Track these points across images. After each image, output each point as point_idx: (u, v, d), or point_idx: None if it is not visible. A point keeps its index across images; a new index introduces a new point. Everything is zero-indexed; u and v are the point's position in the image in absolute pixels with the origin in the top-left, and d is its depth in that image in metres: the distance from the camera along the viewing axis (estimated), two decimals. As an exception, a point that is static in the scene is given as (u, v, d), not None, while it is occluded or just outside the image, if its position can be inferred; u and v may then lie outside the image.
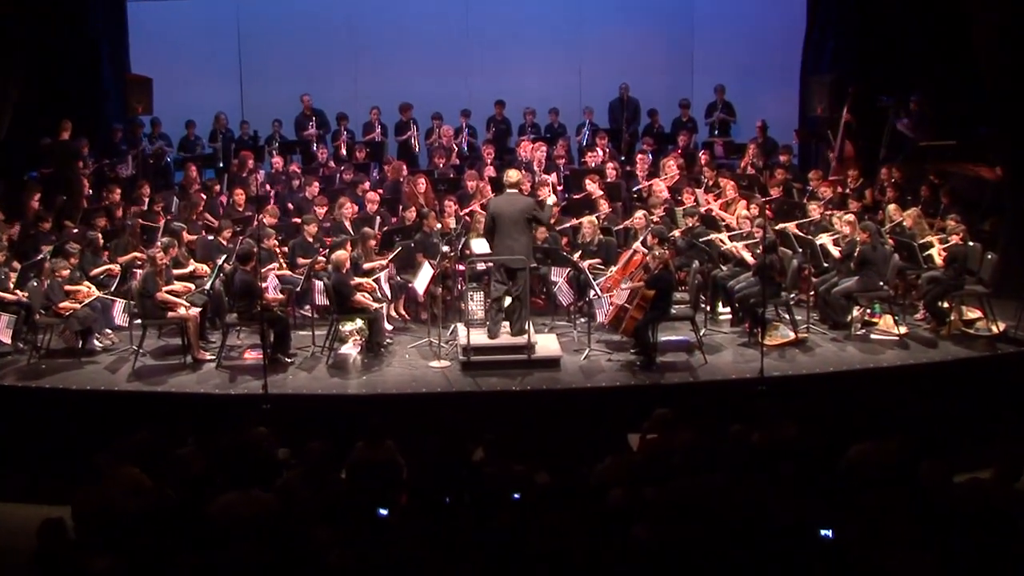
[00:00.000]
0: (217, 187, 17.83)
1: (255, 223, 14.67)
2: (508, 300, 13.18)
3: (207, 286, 13.92)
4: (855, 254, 13.94)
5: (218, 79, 21.48)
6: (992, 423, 12.14)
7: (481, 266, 14.19)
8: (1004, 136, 15.56)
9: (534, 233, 14.53)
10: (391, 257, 14.51)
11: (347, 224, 15.53)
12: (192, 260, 14.71)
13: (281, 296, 13.82)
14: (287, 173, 18.40)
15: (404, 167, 18.08)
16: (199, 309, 13.53)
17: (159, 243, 14.08)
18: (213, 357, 13.31)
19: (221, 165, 19.71)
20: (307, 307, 14.78)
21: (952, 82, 18.04)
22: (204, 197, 16.93)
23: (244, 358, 13.47)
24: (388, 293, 14.34)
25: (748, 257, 14.23)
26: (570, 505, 8.03)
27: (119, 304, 13.81)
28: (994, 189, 16.30)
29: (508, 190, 13.30)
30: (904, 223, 15.00)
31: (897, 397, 12.34)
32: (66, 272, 13.59)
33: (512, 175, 13.42)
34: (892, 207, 15.56)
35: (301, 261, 14.64)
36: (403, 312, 15.00)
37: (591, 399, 12.29)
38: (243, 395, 12.26)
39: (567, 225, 15.76)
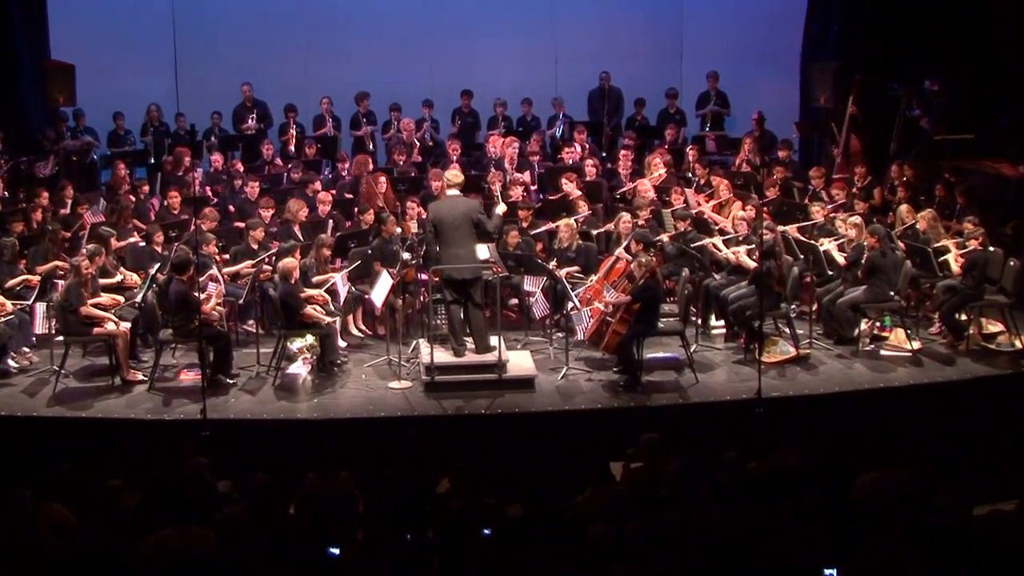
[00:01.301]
0: (148, 187, 17.76)
1: (192, 227, 14.61)
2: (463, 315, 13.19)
3: (138, 298, 13.86)
4: (863, 261, 14.00)
5: (150, 66, 21.37)
6: (1016, 448, 12.18)
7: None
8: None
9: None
10: (351, 267, 14.46)
11: (296, 228, 15.51)
12: (121, 269, 14.64)
13: (222, 309, 13.79)
14: (228, 171, 18.36)
15: (369, 162, 18.05)
16: (129, 324, 13.46)
17: (84, 251, 14.01)
18: (145, 378, 13.24)
19: (153, 162, 19.65)
20: (251, 322, 14.74)
21: (969, 69, 18.19)
22: (134, 199, 16.86)
23: (180, 379, 13.42)
24: (343, 305, 14.33)
25: (746, 263, 14.27)
26: (546, 541, 8.02)
27: (39, 309, 13.72)
28: (1016, 188, 16.43)
29: (449, 192, 13.31)
30: (917, 226, 15.07)
31: (910, 420, 12.38)
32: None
33: (452, 175, 13.44)
34: (904, 208, 15.64)
35: (244, 270, 14.62)
36: (360, 327, 14.98)
37: (569, 423, 12.29)
38: (179, 421, 12.21)
39: (542, 229, 15.77)
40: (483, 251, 13.35)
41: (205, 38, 21.53)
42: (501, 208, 13.66)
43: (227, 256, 14.90)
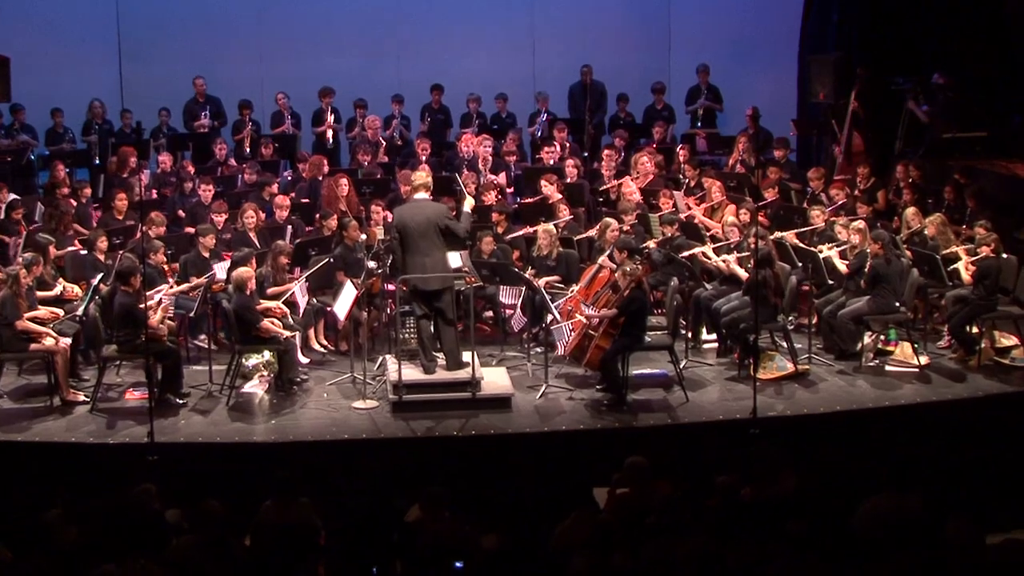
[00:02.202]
0: (90, 190, 17.70)
1: (138, 234, 14.56)
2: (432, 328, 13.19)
3: (79, 311, 13.80)
4: (865, 269, 14.03)
5: (92, 58, 21.35)
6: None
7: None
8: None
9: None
10: (309, 275, 14.44)
11: (252, 235, 15.47)
12: (61, 280, 14.59)
13: (171, 323, 13.75)
14: (178, 173, 18.32)
15: (325, 163, 18.05)
16: (69, 340, 13.41)
17: (20, 259, 13.96)
18: (87, 398, 13.18)
19: (97, 163, 19.59)
20: (202, 337, 14.70)
21: (980, 62, 18.26)
22: (75, 203, 16.80)
23: (125, 399, 13.36)
24: (303, 318, 14.30)
25: (739, 272, 14.29)
26: (524, 575, 8.02)
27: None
28: (1031, 190, 16.51)
29: (415, 196, 13.28)
30: (924, 231, 15.11)
31: (917, 441, 12.41)
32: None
33: (419, 176, 13.41)
34: (910, 212, 15.67)
35: (195, 281, 14.58)
36: (322, 342, 14.96)
37: (549, 446, 12.29)
38: (124, 444, 12.15)
39: (519, 234, 15.78)
40: (455, 259, 13.34)
41: (152, 28, 21.49)
42: (469, 203, 13.56)
43: (176, 266, 14.85)
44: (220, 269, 14.36)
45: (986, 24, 18.74)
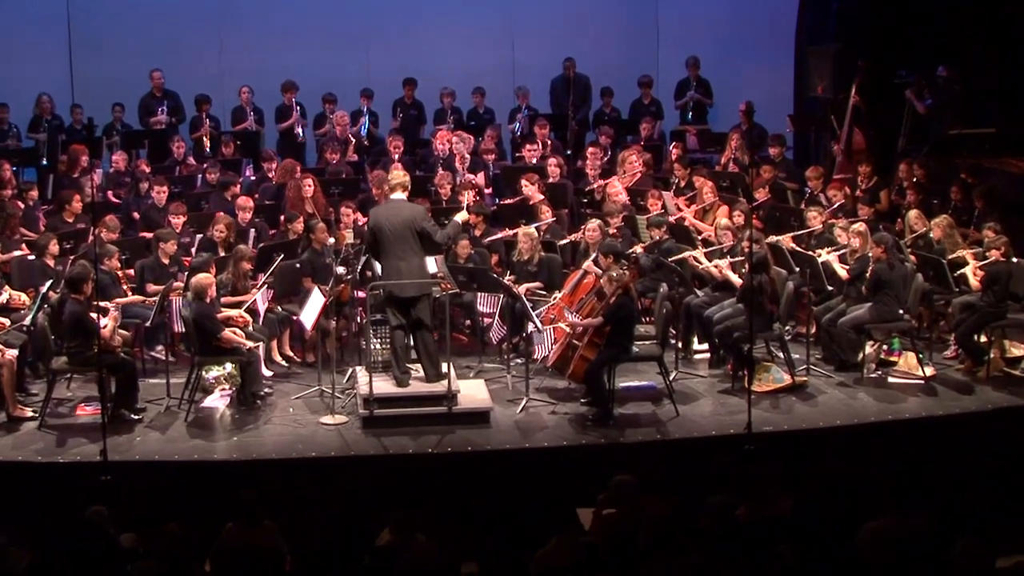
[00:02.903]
0: (38, 191, 17.64)
1: (90, 238, 14.52)
2: (410, 339, 13.18)
3: (27, 321, 13.75)
4: (867, 274, 14.07)
5: (40, 50, 21.27)
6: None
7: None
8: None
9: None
10: (271, 282, 14.43)
11: (220, 249, 15.38)
12: (7, 287, 14.54)
13: (126, 333, 13.72)
14: (132, 173, 18.27)
15: (297, 167, 17.96)
16: (16, 352, 13.36)
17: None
18: (35, 414, 13.14)
19: (45, 163, 19.52)
20: (160, 348, 14.67)
21: (989, 54, 18.30)
22: (22, 205, 16.75)
23: (77, 415, 13.33)
24: (266, 328, 14.29)
25: (733, 278, 14.31)
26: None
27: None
28: (1044, 190, 16.55)
29: (392, 196, 13.27)
30: (930, 234, 15.15)
31: (923, 458, 12.44)
32: None
33: (396, 176, 13.41)
34: (914, 213, 15.71)
35: (151, 288, 14.55)
36: (287, 353, 14.94)
37: (530, 463, 12.30)
38: (75, 464, 12.11)
39: (498, 237, 15.78)
40: (431, 264, 13.34)
41: (106, 17, 21.43)
42: (461, 216, 13.68)
43: (131, 272, 14.82)
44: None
45: (994, 13, 18.79)
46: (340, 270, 14.06)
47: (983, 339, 14.10)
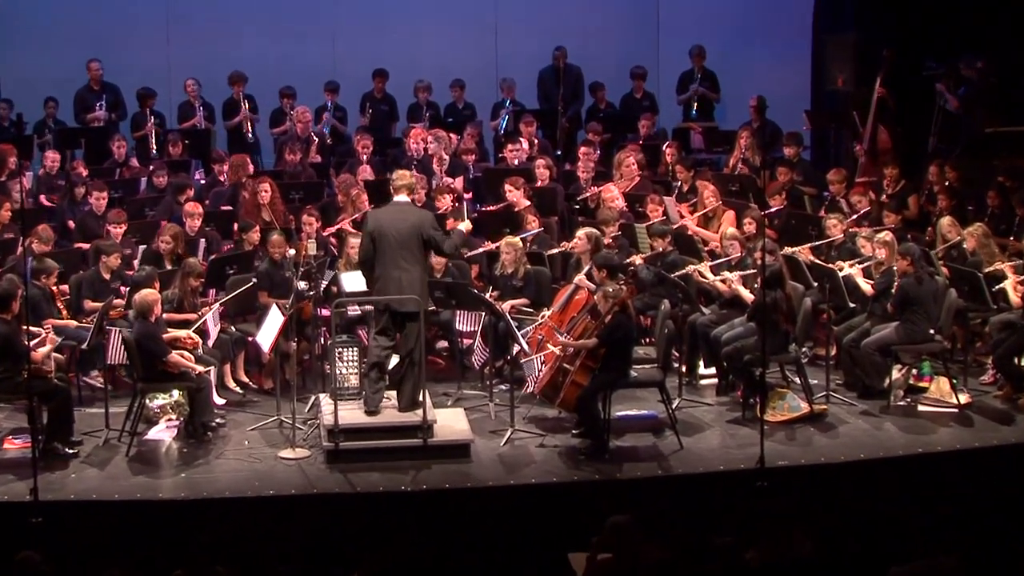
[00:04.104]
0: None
1: (19, 250, 14.52)
2: (394, 360, 13.17)
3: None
4: (893, 290, 14.10)
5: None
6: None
7: (356, 310, 14.16)
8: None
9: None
10: (220, 301, 14.44)
11: (166, 261, 15.38)
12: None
13: (60, 356, 13.70)
14: (68, 175, 18.26)
15: (248, 162, 17.98)
16: (-64, 377, 13.38)
17: None
18: (-43, 448, 13.17)
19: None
20: (95, 372, 14.66)
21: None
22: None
23: (4, 449, 13.31)
24: (217, 349, 14.29)
25: (743, 294, 14.33)
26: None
27: None
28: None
29: (396, 198, 13.29)
30: (964, 244, 15.20)
31: (957, 495, 12.45)
32: None
33: (401, 177, 13.42)
34: (946, 221, 15.75)
35: (89, 306, 14.54)
36: (242, 379, 14.93)
37: (516, 502, 12.30)
38: (2, 504, 12.08)
39: (480, 251, 15.80)
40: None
41: (37, 3, 21.45)
42: (464, 226, 13.74)
43: (66, 287, 14.80)
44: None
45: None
46: (301, 285, 14.02)
47: (1024, 362, 14.17)
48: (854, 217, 16.14)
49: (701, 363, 14.87)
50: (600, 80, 21.03)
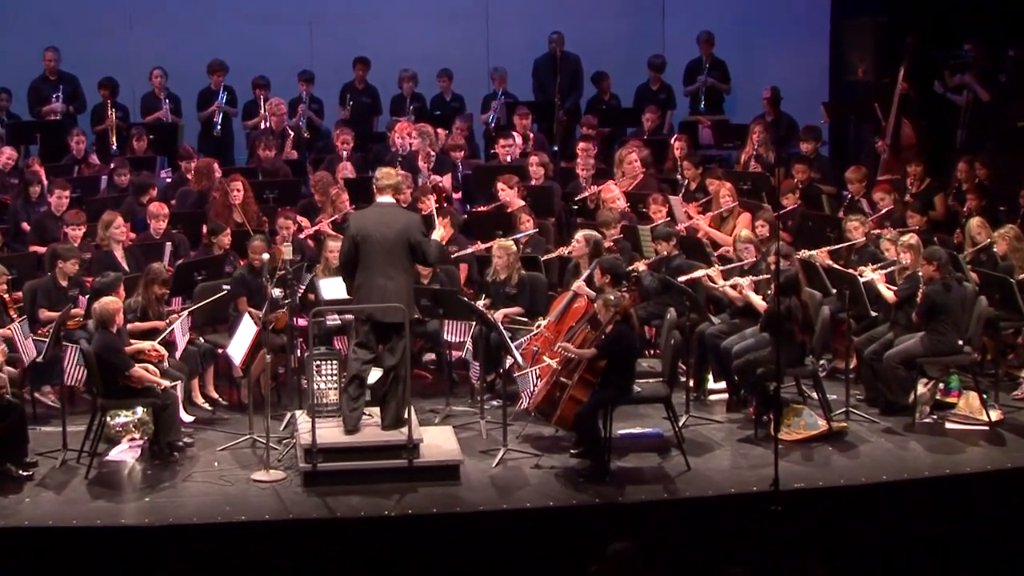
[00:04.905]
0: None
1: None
2: (376, 374, 13.17)
3: None
4: (918, 297, 14.12)
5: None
6: None
7: (335, 320, 14.16)
8: None
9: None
10: (188, 310, 14.44)
11: (119, 254, 15.41)
12: None
13: (12, 370, 13.71)
14: (21, 172, 18.26)
15: (215, 168, 17.95)
16: None
17: None
18: (-99, 470, 13.17)
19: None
20: (47, 388, 14.65)
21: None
22: None
23: (-47, 471, 13.35)
24: (183, 361, 14.30)
25: (756, 302, 14.35)
26: None
27: None
28: None
29: (379, 199, 13.29)
30: (994, 248, 15.21)
31: (987, 519, 12.49)
32: None
33: (386, 176, 13.41)
34: (975, 222, 15.78)
35: (45, 315, 14.54)
36: (211, 394, 14.94)
37: (509, 529, 12.31)
38: (-49, 531, 12.13)
39: (469, 251, 15.80)
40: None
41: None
42: (439, 233, 13.71)
43: (19, 295, 14.81)
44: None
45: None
46: (276, 293, 13.99)
47: (1060, 375, 14.20)
48: (876, 217, 16.17)
49: (710, 377, 14.89)
50: (593, 68, 21.01)
